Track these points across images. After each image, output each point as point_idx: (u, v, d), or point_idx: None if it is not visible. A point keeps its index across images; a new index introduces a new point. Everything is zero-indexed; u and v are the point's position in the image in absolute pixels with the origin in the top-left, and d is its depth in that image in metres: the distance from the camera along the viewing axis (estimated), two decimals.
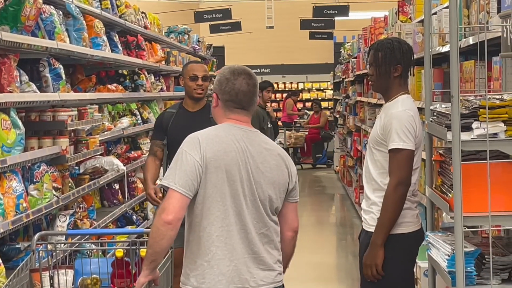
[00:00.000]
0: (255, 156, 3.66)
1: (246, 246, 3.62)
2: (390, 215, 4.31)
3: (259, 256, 3.64)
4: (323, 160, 19.85)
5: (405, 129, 4.30)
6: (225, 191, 3.59)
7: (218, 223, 3.59)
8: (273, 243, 3.71)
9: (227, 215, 3.60)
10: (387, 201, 4.31)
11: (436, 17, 5.90)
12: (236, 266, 3.59)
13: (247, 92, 3.74)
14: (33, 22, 5.12)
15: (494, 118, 3.51)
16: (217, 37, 19.73)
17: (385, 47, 4.52)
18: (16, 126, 4.90)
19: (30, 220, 4.99)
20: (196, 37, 14.53)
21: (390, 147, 4.31)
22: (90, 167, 6.70)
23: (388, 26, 9.70)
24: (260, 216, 3.66)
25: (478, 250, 3.62)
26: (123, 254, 4.14)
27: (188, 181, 3.53)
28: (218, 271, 3.58)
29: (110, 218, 6.96)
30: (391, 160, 4.32)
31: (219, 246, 3.59)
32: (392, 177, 4.30)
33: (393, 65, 4.47)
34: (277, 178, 3.69)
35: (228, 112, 3.75)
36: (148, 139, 9.17)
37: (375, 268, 4.36)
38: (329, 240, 10.95)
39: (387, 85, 4.52)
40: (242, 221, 3.62)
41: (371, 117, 10.56)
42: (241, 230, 3.61)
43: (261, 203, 3.65)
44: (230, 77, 3.73)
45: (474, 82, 4.97)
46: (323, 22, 19.69)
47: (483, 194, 3.54)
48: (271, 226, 3.70)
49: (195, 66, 6.08)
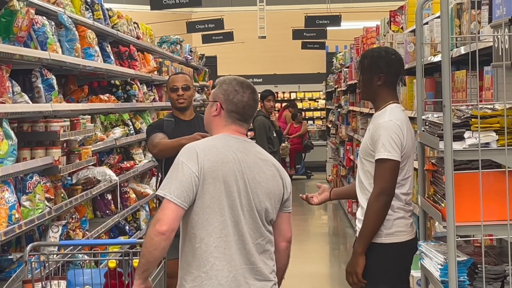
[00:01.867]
0: (251, 166, 3.67)
1: (243, 256, 3.62)
2: (371, 224, 4.34)
3: (256, 266, 3.65)
4: (301, 171, 19.63)
5: (391, 140, 4.31)
6: (223, 201, 3.60)
7: (216, 233, 3.59)
8: (268, 253, 3.71)
9: (225, 225, 3.60)
10: (368, 210, 4.35)
11: (428, 27, 5.92)
12: (234, 276, 3.59)
13: (253, 106, 3.79)
14: (25, 33, 5.12)
15: (486, 128, 3.53)
16: (210, 47, 19.76)
17: (371, 55, 4.55)
18: (8, 137, 4.89)
19: (22, 231, 4.97)
20: (189, 47, 14.54)
21: (376, 157, 4.34)
22: (83, 177, 6.69)
23: (380, 36, 9.73)
24: (257, 226, 3.66)
25: (471, 259, 3.63)
26: (116, 265, 4.13)
27: (183, 192, 3.53)
28: (216, 282, 3.58)
29: (102, 229, 6.95)
30: (376, 170, 4.35)
31: (218, 257, 3.58)
32: (375, 187, 4.34)
33: (375, 74, 4.49)
34: (272, 189, 3.71)
35: (230, 122, 3.76)
36: (140, 149, 9.16)
37: (355, 276, 4.39)
38: (322, 249, 10.95)
39: (372, 93, 4.54)
40: (240, 232, 3.62)
41: (364, 127, 10.58)
42: (239, 241, 3.62)
43: (258, 213, 3.66)
44: (239, 90, 3.75)
45: (466, 92, 4.98)
46: (315, 32, 19.74)
47: (476, 203, 3.55)
48: (267, 236, 3.71)
49: (175, 78, 6.14)
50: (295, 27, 19.92)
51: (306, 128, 19.96)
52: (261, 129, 10.38)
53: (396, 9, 8.74)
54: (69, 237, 6.19)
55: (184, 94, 6.00)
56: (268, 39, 21.68)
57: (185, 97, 6.00)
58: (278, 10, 23.62)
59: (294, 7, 23.37)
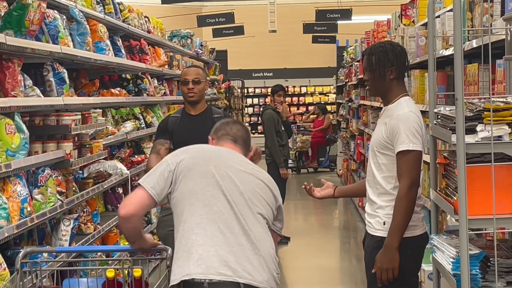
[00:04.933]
0: (235, 165, 3.87)
1: (230, 236, 3.69)
2: (405, 217, 4.25)
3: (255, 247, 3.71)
4: (325, 164, 19.82)
5: (414, 130, 4.28)
6: (203, 186, 3.75)
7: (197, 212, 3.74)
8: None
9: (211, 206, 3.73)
10: (401, 203, 4.24)
11: (440, 20, 5.90)
12: (216, 251, 3.64)
13: (241, 134, 4.10)
14: (37, 26, 5.13)
15: (499, 121, 3.51)
16: (220, 41, 19.75)
17: (378, 50, 4.52)
18: (20, 130, 4.91)
19: (34, 224, 4.99)
20: (199, 41, 14.54)
21: (399, 149, 4.28)
22: (94, 171, 6.71)
23: (391, 29, 9.71)
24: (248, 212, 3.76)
25: (483, 252, 3.62)
26: (114, 274, 3.84)
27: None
28: (197, 256, 3.63)
29: (114, 222, 6.97)
30: (401, 162, 4.28)
31: (198, 233, 3.67)
32: (404, 179, 4.25)
33: (387, 68, 4.47)
34: (262, 191, 3.87)
35: (222, 142, 4.06)
36: (151, 143, 9.16)
37: (391, 272, 4.30)
38: (333, 243, 10.94)
39: (384, 88, 4.51)
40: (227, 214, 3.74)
41: (374, 121, 10.55)
42: (222, 219, 3.71)
43: (245, 200, 3.77)
44: (225, 125, 4.12)
45: (478, 85, 4.97)
46: (326, 26, 19.70)
47: (488, 196, 3.54)
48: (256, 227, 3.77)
49: (187, 71, 6.09)
50: (305, 21, 19.88)
51: (330, 122, 19.97)
52: (269, 122, 10.41)
53: (407, 3, 8.72)
54: (81, 230, 6.21)
55: (194, 88, 5.94)
56: (279, 33, 21.66)
57: (195, 91, 5.95)
58: (289, 4, 23.60)
59: (305, 1, 23.34)
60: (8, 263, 4.72)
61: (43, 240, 5.64)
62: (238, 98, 18.72)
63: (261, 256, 3.69)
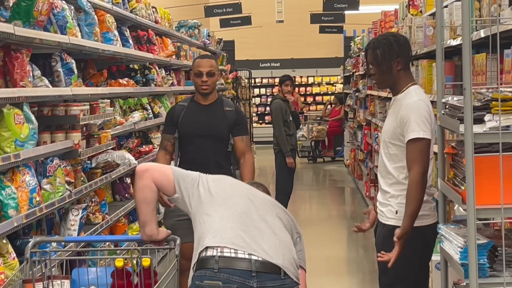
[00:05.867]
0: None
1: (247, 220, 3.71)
2: (419, 203, 4.27)
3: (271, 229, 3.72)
4: (342, 153, 19.82)
5: (424, 119, 4.30)
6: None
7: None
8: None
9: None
10: (417, 188, 4.25)
11: (448, 10, 5.89)
12: (232, 228, 3.67)
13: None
14: (45, 17, 5.13)
15: (507, 111, 3.52)
16: (227, 32, 19.72)
17: (382, 43, 4.52)
18: (29, 120, 4.92)
19: (43, 214, 5.01)
20: (206, 32, 14.53)
21: (410, 137, 4.29)
22: (102, 161, 6.72)
23: (398, 19, 9.69)
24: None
25: (491, 242, 3.63)
26: (123, 264, 3.83)
27: None
28: (212, 231, 3.67)
29: (122, 212, 6.99)
30: (412, 149, 4.28)
31: (216, 216, 3.69)
32: (416, 166, 4.25)
33: (394, 59, 4.48)
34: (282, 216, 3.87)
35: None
36: (159, 133, 9.19)
37: (398, 241, 4.28)
38: (340, 233, 10.96)
39: (393, 80, 4.52)
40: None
41: (382, 111, 10.55)
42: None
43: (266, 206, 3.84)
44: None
45: (486, 75, 4.96)
46: (333, 16, 19.64)
47: (496, 186, 3.55)
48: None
49: (201, 62, 5.99)
50: (313, 11, 19.83)
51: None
52: (277, 111, 10.43)
53: None
54: (89, 220, 6.24)
55: (208, 80, 5.87)
56: (286, 23, 21.62)
57: (209, 84, 5.88)
58: None
59: None
60: (17, 253, 4.75)
61: (51, 230, 5.66)
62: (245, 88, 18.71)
63: (279, 240, 3.68)
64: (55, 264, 4.69)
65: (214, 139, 5.84)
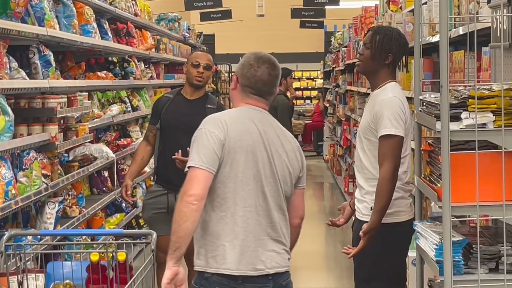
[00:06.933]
0: (273, 139, 3.69)
1: (267, 228, 3.64)
2: (388, 199, 4.29)
3: (278, 239, 3.67)
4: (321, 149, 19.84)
5: (397, 115, 4.31)
6: (249, 172, 3.60)
7: (242, 203, 3.59)
8: (287, 227, 3.73)
9: (251, 195, 3.60)
10: (385, 185, 4.26)
11: (427, 7, 5.91)
12: (256, 247, 3.60)
13: (267, 82, 3.77)
14: (22, 8, 5.09)
15: (483, 109, 3.53)
16: (208, 25, 19.66)
17: (385, 33, 4.53)
18: (5, 112, 4.89)
19: (19, 207, 4.98)
20: (187, 25, 14.49)
21: (382, 133, 4.31)
22: (80, 154, 6.69)
23: (378, 15, 9.70)
24: (279, 199, 3.68)
25: (466, 239, 3.64)
26: (98, 258, 3.81)
27: (211, 158, 3.52)
28: (239, 251, 3.57)
29: (99, 206, 6.96)
30: (384, 146, 4.30)
31: (243, 227, 3.58)
32: (387, 162, 4.27)
33: (385, 53, 4.49)
34: (291, 163, 3.72)
35: (245, 97, 3.77)
36: (137, 126, 9.17)
37: (364, 236, 4.30)
38: (318, 229, 10.97)
39: (375, 70, 4.53)
40: (265, 203, 3.63)
41: (361, 106, 10.57)
42: (263, 212, 3.63)
43: (280, 186, 3.67)
44: (253, 64, 3.76)
45: (464, 72, 4.98)
46: (313, 11, 19.63)
47: (472, 184, 3.56)
48: (285, 210, 3.73)
49: (199, 54, 6.08)
50: (293, 5, 19.80)
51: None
52: (285, 112, 10.02)
53: None
54: (66, 213, 6.21)
55: (204, 72, 5.94)
56: (267, 18, 21.58)
57: (204, 76, 5.94)
58: None
59: None
60: None
61: (27, 223, 5.63)
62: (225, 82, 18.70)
63: (282, 242, 3.70)
64: (30, 258, 4.67)
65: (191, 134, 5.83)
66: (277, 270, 3.65)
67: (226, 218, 3.59)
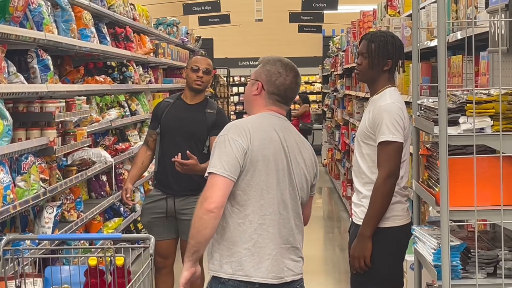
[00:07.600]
0: (293, 147, 3.71)
1: (288, 236, 3.66)
2: (380, 207, 4.32)
3: (294, 246, 3.70)
4: None
5: (395, 122, 4.32)
6: (271, 180, 3.61)
7: (262, 211, 3.59)
8: (302, 234, 3.77)
9: (272, 203, 3.61)
10: (377, 193, 4.32)
11: (425, 11, 5.92)
12: (275, 255, 3.61)
13: (294, 89, 3.80)
14: (21, 13, 5.10)
15: (481, 113, 3.53)
16: (206, 30, 19.70)
17: (379, 40, 4.53)
18: (3, 117, 4.89)
19: (17, 212, 4.98)
20: (185, 29, 14.50)
21: (380, 139, 4.33)
22: (78, 158, 6.69)
23: (376, 19, 9.72)
24: (297, 206, 3.71)
25: (464, 244, 3.64)
26: (96, 262, 3.81)
27: (233, 165, 3.52)
28: (258, 259, 3.58)
29: (97, 210, 6.96)
30: (381, 153, 4.33)
31: (261, 234, 3.59)
32: (381, 170, 4.31)
33: (383, 59, 4.49)
34: (308, 171, 3.75)
35: (270, 103, 3.78)
36: (136, 131, 9.17)
37: (363, 260, 4.38)
38: (317, 233, 10.97)
39: (375, 77, 4.54)
40: (285, 211, 3.65)
41: (359, 111, 10.57)
42: (282, 220, 3.64)
43: (298, 194, 3.70)
44: (282, 72, 3.76)
45: (462, 77, 4.98)
46: (312, 15, 19.67)
47: (469, 188, 3.56)
48: (302, 217, 3.77)
49: (199, 59, 6.08)
50: (292, 10, 19.84)
51: (305, 111, 19.87)
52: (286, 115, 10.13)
53: None
54: (64, 218, 6.20)
55: (204, 77, 5.94)
56: (265, 22, 21.64)
57: (203, 80, 5.94)
58: None
59: None
60: None
61: (26, 228, 5.63)
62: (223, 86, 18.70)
63: (299, 249, 3.75)
64: (28, 262, 4.66)
65: (191, 139, 5.86)
66: (294, 278, 3.69)
67: (243, 225, 3.59)
